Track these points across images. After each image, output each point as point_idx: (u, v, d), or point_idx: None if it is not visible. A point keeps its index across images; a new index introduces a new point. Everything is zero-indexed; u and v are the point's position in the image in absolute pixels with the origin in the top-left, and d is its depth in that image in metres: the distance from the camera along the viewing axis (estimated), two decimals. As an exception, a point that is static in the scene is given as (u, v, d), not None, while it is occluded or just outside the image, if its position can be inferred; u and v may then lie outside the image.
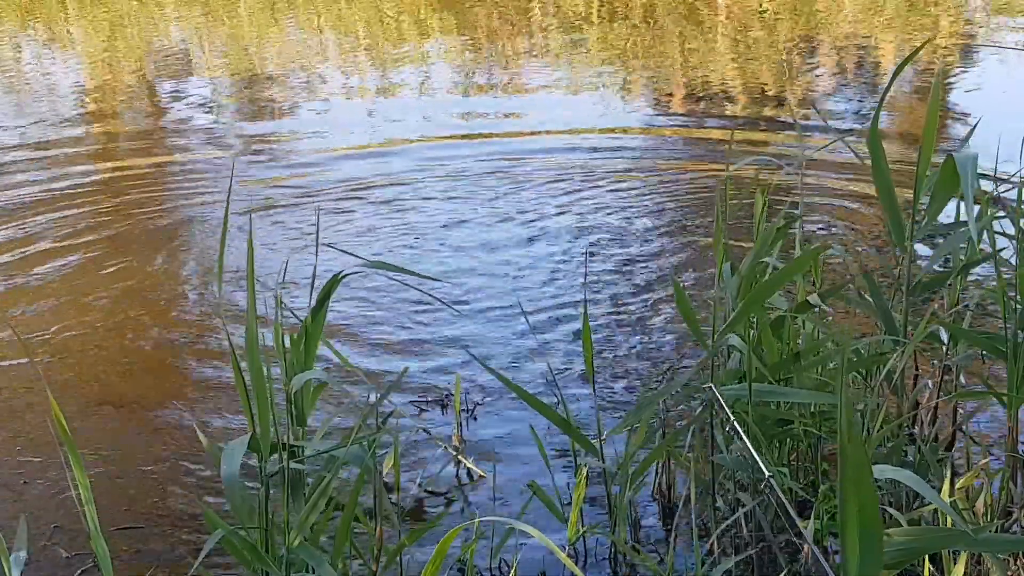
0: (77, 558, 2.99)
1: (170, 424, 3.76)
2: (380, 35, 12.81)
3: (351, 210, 6.07)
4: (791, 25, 12.01)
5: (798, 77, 9.47)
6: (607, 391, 3.81)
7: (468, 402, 3.71)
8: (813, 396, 2.66)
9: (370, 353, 4.20)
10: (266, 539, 2.26)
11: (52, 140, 8.06)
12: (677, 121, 8.05)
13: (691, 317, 2.69)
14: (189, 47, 12.72)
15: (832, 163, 6.47)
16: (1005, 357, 2.62)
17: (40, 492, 3.36)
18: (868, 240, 5.13)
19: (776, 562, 2.66)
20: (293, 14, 14.43)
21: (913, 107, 7.96)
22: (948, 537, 1.91)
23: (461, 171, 6.75)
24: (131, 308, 4.80)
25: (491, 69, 10.52)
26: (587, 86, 9.45)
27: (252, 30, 13.56)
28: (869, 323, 3.55)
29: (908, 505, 2.67)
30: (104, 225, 5.98)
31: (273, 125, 8.45)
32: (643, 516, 3.05)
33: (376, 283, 4.75)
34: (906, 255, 2.73)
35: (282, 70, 10.78)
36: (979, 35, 11.09)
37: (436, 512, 3.14)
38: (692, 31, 12.00)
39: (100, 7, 15.71)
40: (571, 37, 11.94)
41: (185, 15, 14.95)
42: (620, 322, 4.42)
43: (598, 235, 5.49)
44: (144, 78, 10.86)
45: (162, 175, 7.09)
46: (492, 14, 13.60)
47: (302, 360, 2.50)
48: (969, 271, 2.89)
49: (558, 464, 3.13)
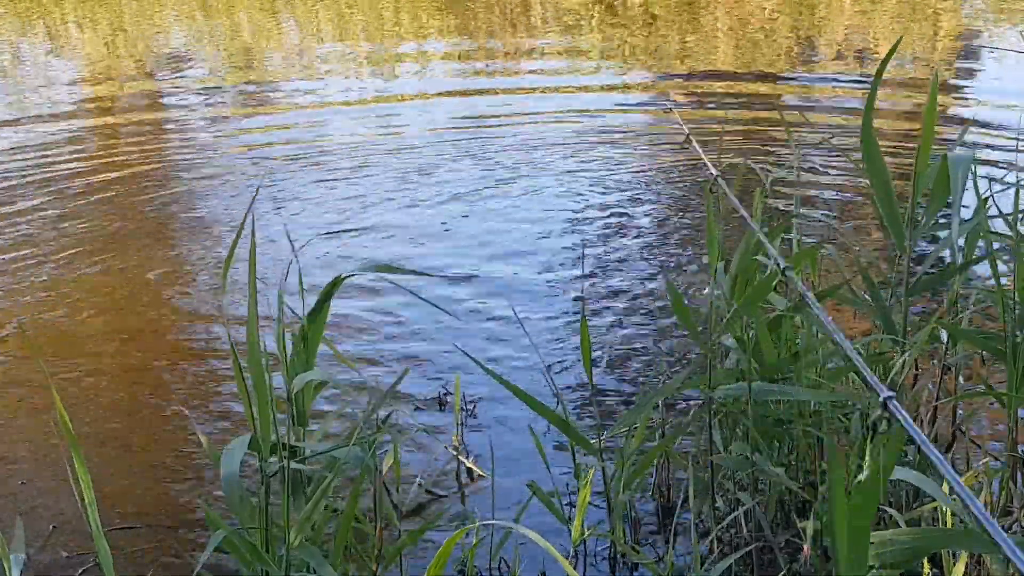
0: (78, 558, 3.00)
1: (170, 424, 3.76)
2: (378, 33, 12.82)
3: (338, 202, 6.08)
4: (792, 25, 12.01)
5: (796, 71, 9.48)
6: (606, 391, 3.82)
7: (467, 402, 3.71)
8: (811, 395, 2.66)
9: (368, 351, 4.21)
10: (266, 539, 2.26)
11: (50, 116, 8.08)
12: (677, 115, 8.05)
13: (686, 317, 2.69)
14: (188, 40, 12.72)
15: (831, 161, 6.47)
16: (1004, 357, 2.62)
17: (40, 492, 3.36)
18: (867, 239, 5.13)
19: (776, 562, 2.67)
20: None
21: (913, 108, 7.97)
22: (950, 537, 1.91)
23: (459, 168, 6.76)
24: (132, 307, 4.80)
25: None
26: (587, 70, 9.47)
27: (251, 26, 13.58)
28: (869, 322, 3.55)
29: (908, 505, 2.68)
30: (103, 223, 5.98)
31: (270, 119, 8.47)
32: (643, 516, 3.06)
33: (375, 281, 4.75)
34: (904, 254, 2.73)
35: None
36: (979, 33, 11.09)
37: (436, 512, 3.14)
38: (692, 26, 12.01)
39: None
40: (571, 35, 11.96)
41: (183, 12, 14.96)
42: (619, 321, 4.42)
43: (597, 233, 5.49)
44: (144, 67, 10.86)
45: (161, 170, 7.10)
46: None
47: (303, 360, 2.50)
48: (966, 271, 2.89)
49: (558, 464, 3.13)
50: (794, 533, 2.74)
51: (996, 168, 5.83)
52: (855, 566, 1.57)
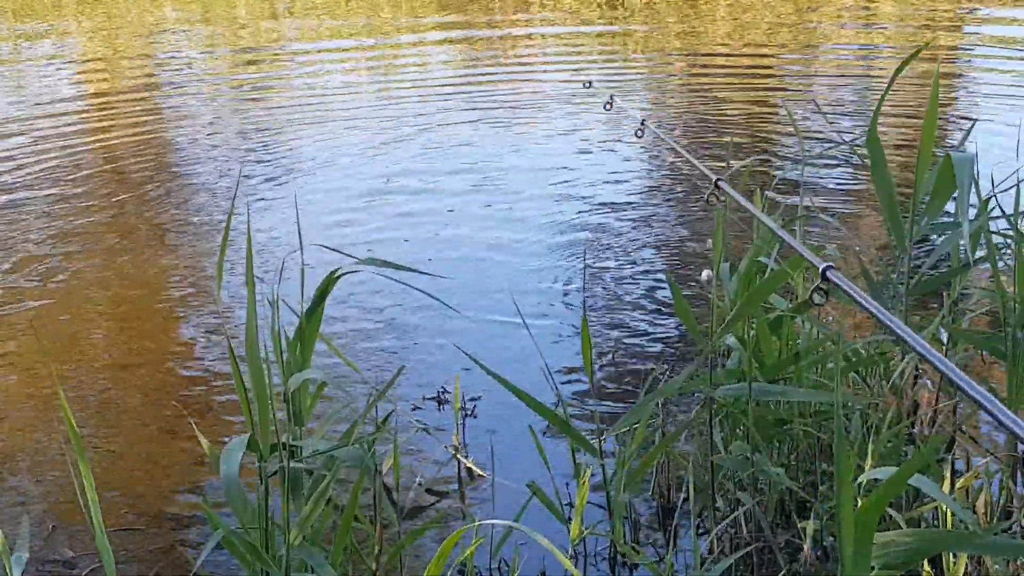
0: (78, 558, 2.99)
1: (171, 423, 3.76)
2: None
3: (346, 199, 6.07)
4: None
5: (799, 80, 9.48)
6: (607, 390, 3.81)
7: (467, 401, 3.71)
8: (812, 395, 2.66)
9: (368, 351, 4.20)
10: (266, 539, 2.26)
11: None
12: (680, 105, 8.05)
13: (688, 317, 2.69)
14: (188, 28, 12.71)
15: (834, 159, 6.47)
16: (1005, 358, 2.62)
17: (40, 492, 3.36)
18: (868, 239, 5.13)
19: (776, 562, 2.66)
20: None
21: (915, 111, 7.96)
22: (953, 539, 1.91)
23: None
24: (132, 306, 4.79)
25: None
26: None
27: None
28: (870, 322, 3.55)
29: (908, 505, 2.67)
30: (102, 222, 5.98)
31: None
32: (643, 516, 3.05)
33: (373, 278, 4.74)
34: (906, 255, 2.73)
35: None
36: (981, 34, 11.09)
37: (436, 512, 3.14)
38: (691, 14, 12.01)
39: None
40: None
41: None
42: (620, 320, 4.42)
43: (596, 231, 5.49)
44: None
45: (159, 166, 7.09)
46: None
47: (299, 359, 2.50)
48: (967, 272, 2.88)
49: (557, 463, 3.13)
50: (794, 533, 2.74)
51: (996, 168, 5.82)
52: (859, 565, 1.57)
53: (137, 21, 14.79)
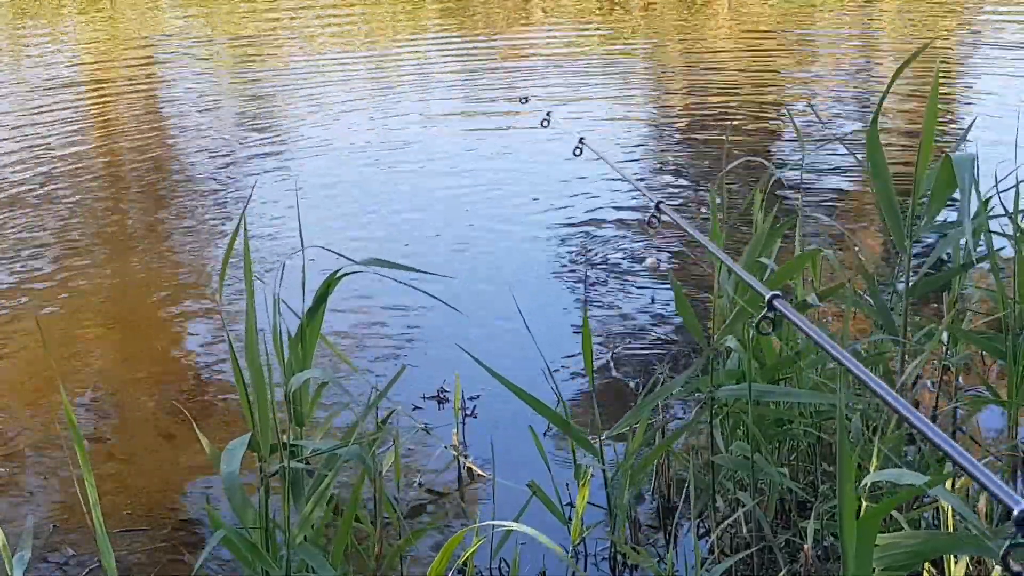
0: (79, 558, 2.99)
1: (172, 423, 3.76)
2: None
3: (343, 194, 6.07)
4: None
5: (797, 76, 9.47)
6: (607, 391, 3.81)
7: (467, 401, 3.71)
8: (812, 396, 2.66)
9: (368, 351, 4.20)
10: (266, 539, 2.26)
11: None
12: (678, 105, 8.05)
13: (690, 317, 2.69)
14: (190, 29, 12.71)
15: (832, 160, 6.47)
16: (1005, 358, 2.62)
17: (41, 492, 3.36)
18: (868, 239, 5.13)
19: (776, 562, 2.66)
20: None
21: (914, 109, 7.96)
22: (954, 542, 1.91)
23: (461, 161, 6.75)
24: (132, 306, 4.79)
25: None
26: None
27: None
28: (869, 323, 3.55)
29: (908, 505, 2.67)
30: (102, 222, 5.98)
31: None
32: (643, 516, 3.05)
33: (373, 278, 4.74)
34: (905, 255, 2.73)
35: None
36: (981, 34, 11.08)
37: (436, 512, 3.14)
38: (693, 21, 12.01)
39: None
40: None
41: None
42: (621, 320, 4.42)
43: (599, 232, 5.49)
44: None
45: (159, 167, 7.09)
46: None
47: (300, 359, 2.50)
48: (967, 271, 2.88)
49: (558, 463, 3.13)
50: (794, 533, 2.74)
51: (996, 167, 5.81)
52: (861, 568, 1.56)
53: (138, 20, 14.80)
